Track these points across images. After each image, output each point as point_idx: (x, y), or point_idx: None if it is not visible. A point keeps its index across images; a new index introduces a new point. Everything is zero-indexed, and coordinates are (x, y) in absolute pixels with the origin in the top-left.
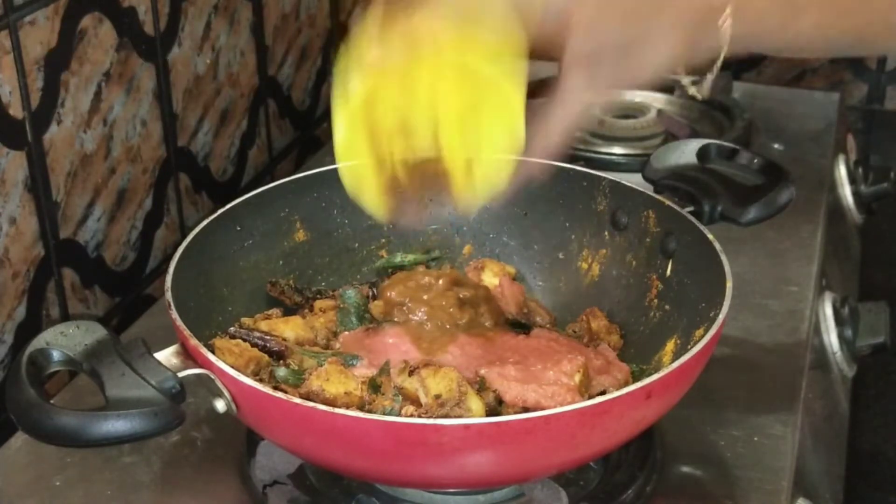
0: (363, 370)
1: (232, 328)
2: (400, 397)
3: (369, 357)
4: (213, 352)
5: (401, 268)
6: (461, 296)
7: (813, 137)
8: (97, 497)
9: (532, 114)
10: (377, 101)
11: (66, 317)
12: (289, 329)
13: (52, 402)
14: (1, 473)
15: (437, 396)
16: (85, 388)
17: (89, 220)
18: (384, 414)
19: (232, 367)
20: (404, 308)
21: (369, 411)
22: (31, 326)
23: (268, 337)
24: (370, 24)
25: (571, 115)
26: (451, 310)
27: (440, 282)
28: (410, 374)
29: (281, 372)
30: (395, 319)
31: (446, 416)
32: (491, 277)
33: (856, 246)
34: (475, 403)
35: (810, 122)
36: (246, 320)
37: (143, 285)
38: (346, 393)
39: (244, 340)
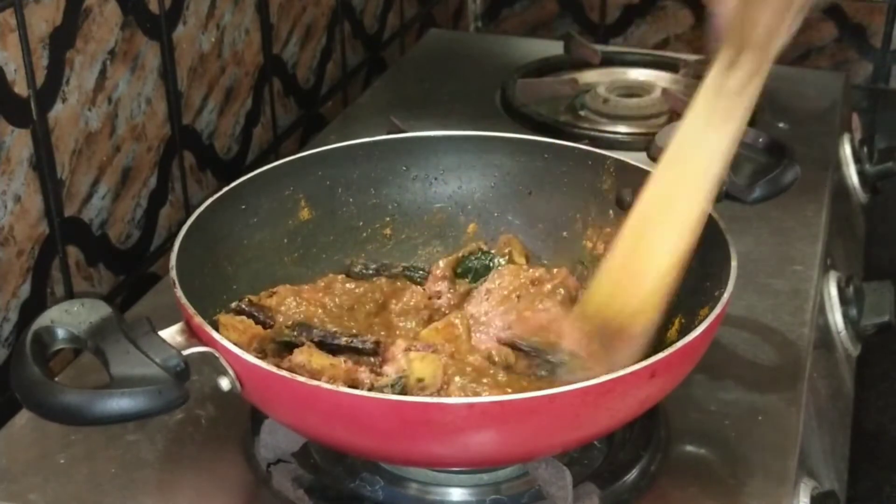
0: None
1: (234, 303)
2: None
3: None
4: (217, 329)
5: None
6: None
7: (818, 116)
8: (101, 474)
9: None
10: None
11: (70, 295)
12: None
13: (56, 379)
14: (5, 451)
15: (420, 380)
16: (89, 365)
17: (94, 198)
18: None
19: (235, 344)
20: None
21: (354, 384)
22: (35, 304)
23: (271, 313)
24: None
25: None
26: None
27: None
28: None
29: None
30: None
31: None
32: (518, 257)
33: (860, 225)
34: (456, 395)
35: (815, 102)
36: (251, 298)
37: (148, 263)
38: (331, 364)
39: (248, 317)
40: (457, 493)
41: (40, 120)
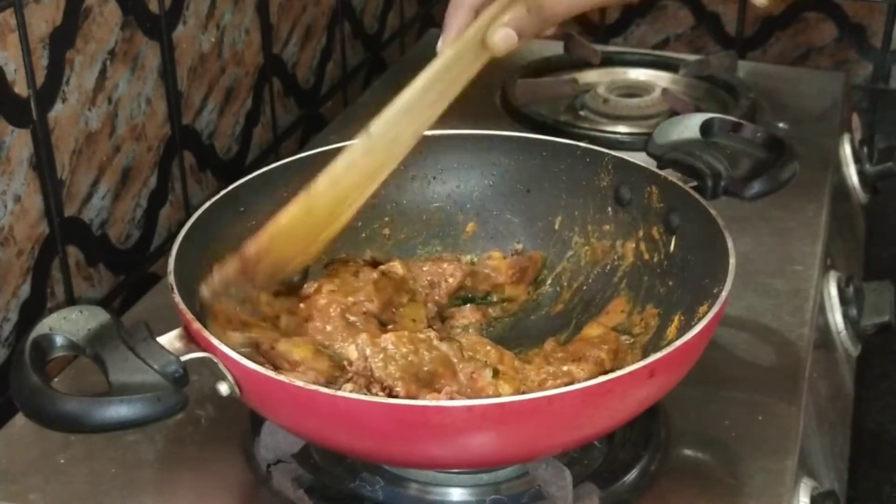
0: None
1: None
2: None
3: None
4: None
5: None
6: None
7: (818, 117)
8: (101, 475)
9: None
10: None
11: (70, 294)
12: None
13: (55, 380)
14: (5, 451)
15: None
16: (88, 367)
17: (94, 198)
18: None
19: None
20: None
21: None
22: (35, 304)
23: None
24: None
25: None
26: None
27: None
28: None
29: None
30: None
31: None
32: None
33: (860, 225)
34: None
35: (815, 102)
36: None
37: (148, 263)
38: (312, 357)
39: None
40: (457, 493)
41: (40, 120)
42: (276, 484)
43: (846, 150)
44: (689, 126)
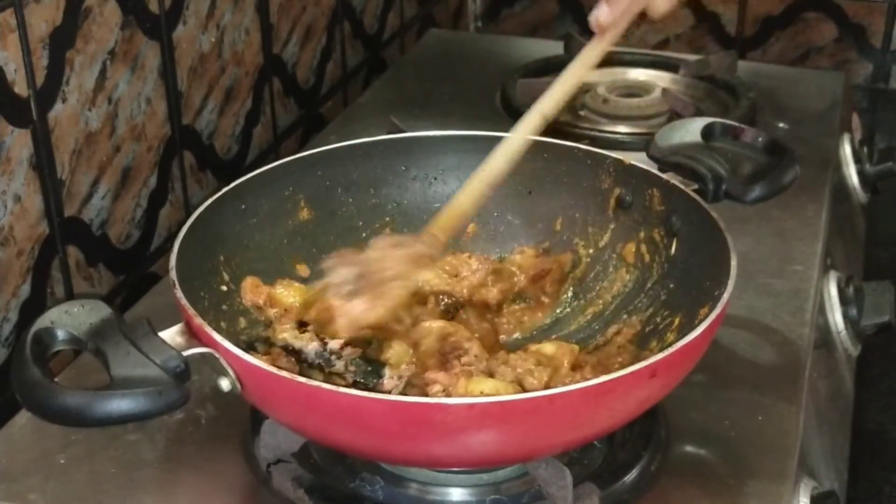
0: None
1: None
2: None
3: None
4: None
5: None
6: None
7: (818, 117)
8: (101, 474)
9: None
10: None
11: (70, 295)
12: None
13: (56, 380)
14: (5, 451)
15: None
16: (89, 365)
17: (94, 198)
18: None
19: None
20: None
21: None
22: (35, 304)
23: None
24: None
25: None
26: None
27: None
28: None
29: None
30: None
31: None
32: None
33: (860, 225)
34: None
35: (815, 102)
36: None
37: (148, 263)
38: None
39: None
40: (457, 493)
41: (40, 120)
42: (276, 484)
43: (846, 150)
44: (690, 130)
